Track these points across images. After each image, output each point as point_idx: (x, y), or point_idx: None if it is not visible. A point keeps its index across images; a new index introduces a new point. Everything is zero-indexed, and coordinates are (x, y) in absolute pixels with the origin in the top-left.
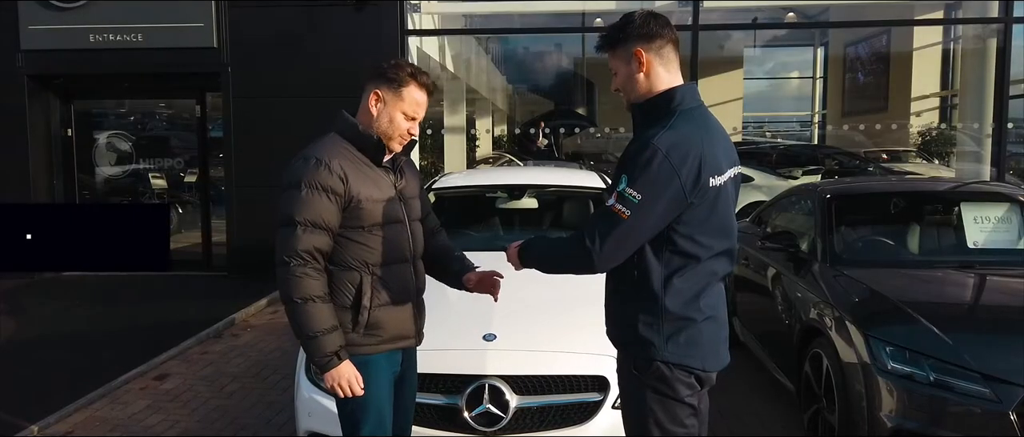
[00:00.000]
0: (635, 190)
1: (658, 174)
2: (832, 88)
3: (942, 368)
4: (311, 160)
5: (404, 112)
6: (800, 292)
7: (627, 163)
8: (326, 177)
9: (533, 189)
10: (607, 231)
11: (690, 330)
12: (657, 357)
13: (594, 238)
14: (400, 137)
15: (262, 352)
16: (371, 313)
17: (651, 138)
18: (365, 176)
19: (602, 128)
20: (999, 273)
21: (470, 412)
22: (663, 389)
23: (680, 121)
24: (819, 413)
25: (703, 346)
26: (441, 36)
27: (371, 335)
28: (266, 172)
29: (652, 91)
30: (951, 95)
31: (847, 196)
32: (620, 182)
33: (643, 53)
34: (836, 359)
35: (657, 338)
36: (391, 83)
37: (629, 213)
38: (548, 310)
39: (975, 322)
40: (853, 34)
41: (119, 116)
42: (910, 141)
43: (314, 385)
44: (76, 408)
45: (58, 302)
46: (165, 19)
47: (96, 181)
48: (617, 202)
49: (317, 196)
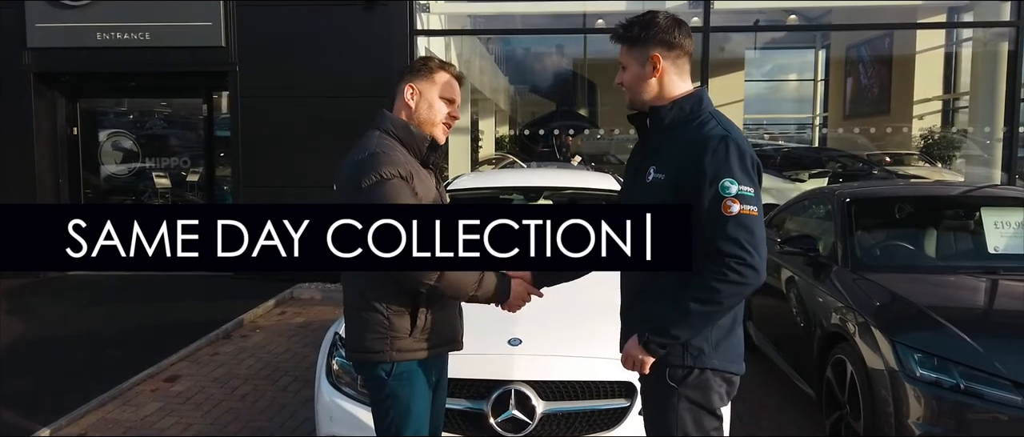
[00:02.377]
0: (747, 186)
1: (748, 163)
2: (833, 90)
3: (972, 375)
4: (378, 154)
5: (441, 95)
6: (820, 297)
7: (713, 164)
8: (400, 166)
9: (549, 192)
10: (752, 236)
11: (732, 335)
12: (703, 365)
13: (748, 251)
14: (442, 122)
15: (273, 354)
16: (429, 316)
17: (718, 134)
18: (419, 176)
19: (604, 129)
20: (1022, 279)
21: (496, 418)
22: (697, 398)
23: (721, 117)
24: (842, 419)
25: (738, 349)
26: (450, 36)
27: (425, 339)
28: (272, 171)
29: (662, 96)
30: (954, 98)
31: (866, 200)
32: (724, 186)
33: (660, 59)
34: (861, 365)
35: (706, 345)
36: (420, 72)
37: (757, 209)
38: (571, 314)
39: (1004, 328)
40: (855, 37)
41: (124, 115)
42: (913, 144)
43: (336, 389)
44: (87, 411)
45: (63, 301)
46: (173, 18)
47: (101, 180)
48: (743, 204)
49: (400, 183)
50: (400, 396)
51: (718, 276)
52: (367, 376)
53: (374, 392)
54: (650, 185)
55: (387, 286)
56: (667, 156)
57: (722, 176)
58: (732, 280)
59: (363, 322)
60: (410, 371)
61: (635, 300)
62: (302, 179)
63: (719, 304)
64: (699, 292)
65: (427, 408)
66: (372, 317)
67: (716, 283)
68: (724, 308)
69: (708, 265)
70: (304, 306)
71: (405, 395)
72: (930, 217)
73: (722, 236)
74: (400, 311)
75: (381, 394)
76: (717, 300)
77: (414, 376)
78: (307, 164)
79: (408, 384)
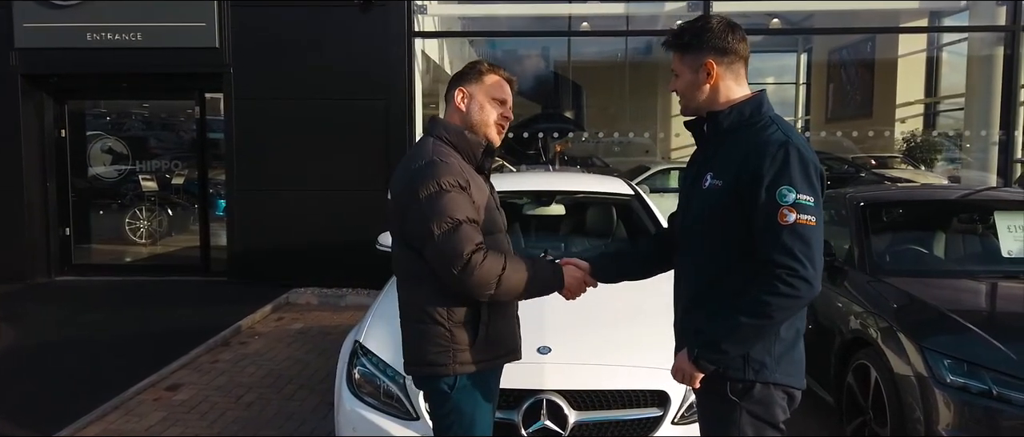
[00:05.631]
0: (806, 194)
1: (810, 171)
2: (815, 94)
3: (1003, 381)
4: (436, 163)
5: (492, 96)
6: (839, 302)
7: (771, 171)
8: (458, 175)
9: (561, 196)
10: (808, 247)
11: (795, 349)
12: (766, 379)
13: (802, 262)
14: (496, 123)
15: (274, 361)
16: (490, 327)
17: (778, 140)
18: (475, 182)
19: (591, 132)
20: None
21: (527, 429)
22: (759, 412)
23: (781, 122)
24: (866, 425)
25: (800, 363)
26: (446, 38)
27: (489, 349)
28: (268, 175)
29: (717, 102)
30: (936, 102)
31: (880, 203)
32: (781, 194)
33: (714, 66)
34: (887, 371)
35: (768, 358)
36: (469, 75)
37: (815, 219)
38: (600, 322)
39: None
40: (837, 40)
41: (114, 116)
42: (896, 147)
43: (357, 398)
44: (89, 421)
45: (57, 307)
46: (165, 18)
47: (89, 183)
48: (800, 214)
49: (459, 194)
50: (464, 410)
51: (768, 288)
52: (429, 390)
53: (436, 406)
54: (707, 192)
55: (448, 298)
56: (725, 162)
57: (780, 183)
58: (783, 292)
59: (424, 335)
60: (473, 384)
61: (688, 312)
62: (298, 182)
63: (769, 318)
64: (749, 305)
65: (490, 421)
66: (434, 330)
67: (766, 296)
68: (775, 322)
69: (760, 276)
70: (301, 311)
71: (470, 409)
72: (943, 220)
73: (775, 246)
74: (461, 323)
75: (444, 408)
76: (767, 313)
77: (477, 389)
78: (303, 167)
79: (471, 397)
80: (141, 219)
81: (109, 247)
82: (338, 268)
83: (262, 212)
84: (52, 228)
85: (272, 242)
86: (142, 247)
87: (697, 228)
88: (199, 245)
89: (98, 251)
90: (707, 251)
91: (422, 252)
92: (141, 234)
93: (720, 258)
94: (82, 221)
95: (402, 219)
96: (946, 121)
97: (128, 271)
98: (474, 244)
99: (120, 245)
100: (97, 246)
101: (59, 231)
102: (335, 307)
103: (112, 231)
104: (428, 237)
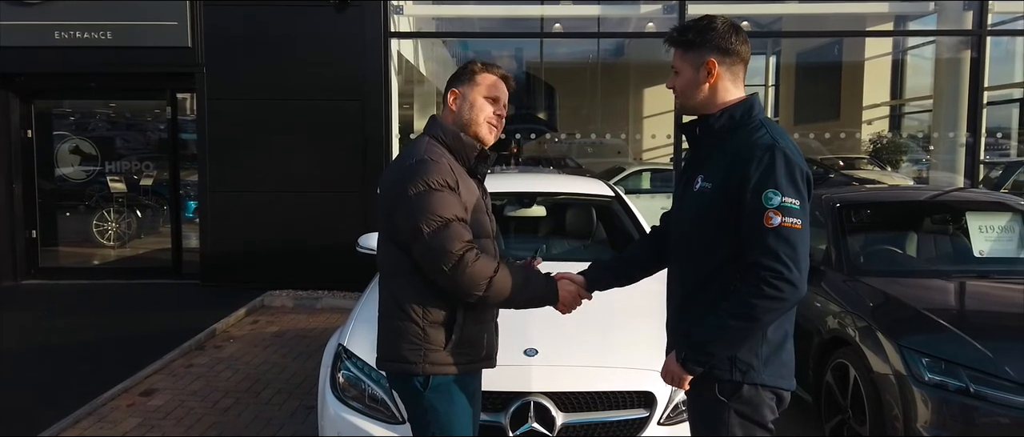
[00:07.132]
0: (791, 197)
1: (796, 174)
2: (784, 96)
3: (980, 379)
4: (426, 161)
5: (484, 95)
6: (817, 302)
7: (757, 173)
8: (447, 175)
9: (542, 197)
10: (793, 250)
11: (783, 351)
12: (753, 380)
13: (787, 265)
14: (487, 121)
15: (251, 365)
16: (464, 330)
17: (765, 143)
18: (465, 184)
19: (563, 133)
20: (1013, 282)
21: (515, 431)
22: (748, 412)
23: (771, 125)
24: (845, 424)
25: (789, 365)
26: (423, 38)
27: (462, 353)
28: (241, 175)
29: (713, 103)
30: (901, 104)
31: (855, 204)
32: (767, 197)
33: (716, 65)
34: (866, 370)
35: (755, 360)
36: (463, 76)
37: (801, 222)
38: (587, 323)
39: (1008, 332)
40: (804, 43)
41: (82, 116)
42: (863, 149)
43: (341, 401)
44: (62, 428)
45: (24, 312)
46: (136, 17)
47: (56, 184)
48: (785, 216)
49: (449, 194)
50: (439, 410)
51: (753, 290)
52: (401, 387)
53: (411, 405)
54: (698, 194)
55: (427, 297)
56: (715, 165)
57: (766, 186)
58: (768, 294)
59: (398, 331)
60: (447, 384)
61: (680, 313)
62: (272, 183)
63: (755, 320)
64: (735, 307)
65: (469, 423)
66: (408, 327)
67: (751, 298)
68: (761, 323)
69: (745, 278)
70: (276, 314)
71: (444, 409)
72: (917, 221)
73: (760, 248)
74: (436, 323)
75: (419, 407)
76: (753, 315)
77: (452, 390)
78: (278, 167)
79: (446, 398)
80: (110, 221)
81: (77, 250)
82: (314, 270)
83: (235, 213)
84: (18, 231)
85: (246, 244)
86: (111, 250)
87: (689, 230)
88: (170, 247)
89: (66, 254)
90: (699, 252)
91: (411, 250)
92: (110, 236)
93: (711, 260)
94: (49, 223)
95: (390, 214)
96: (911, 123)
97: (97, 274)
98: (464, 242)
99: (88, 248)
100: (65, 249)
101: (25, 234)
102: (311, 310)
103: (80, 233)
104: (417, 235)
